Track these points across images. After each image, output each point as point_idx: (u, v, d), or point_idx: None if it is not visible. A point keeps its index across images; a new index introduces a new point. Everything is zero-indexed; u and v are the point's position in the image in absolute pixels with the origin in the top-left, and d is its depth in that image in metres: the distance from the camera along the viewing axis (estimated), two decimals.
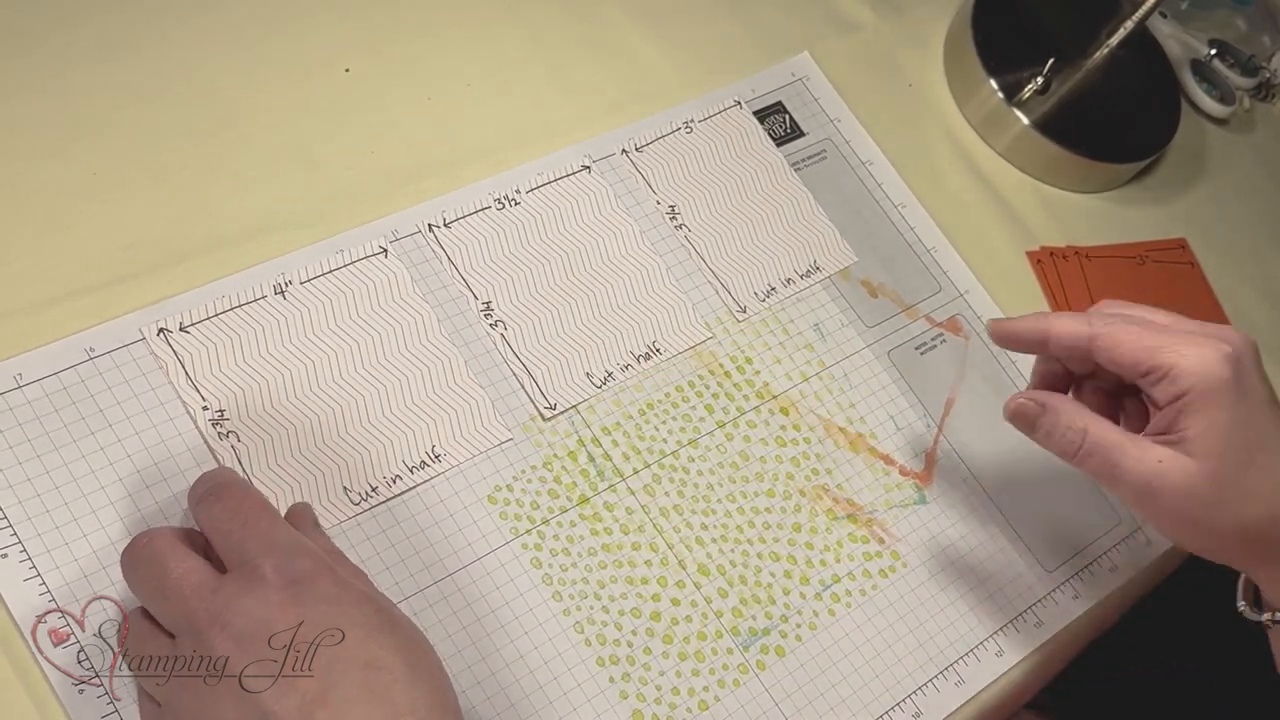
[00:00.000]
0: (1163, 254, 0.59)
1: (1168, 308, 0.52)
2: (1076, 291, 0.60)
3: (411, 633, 0.43)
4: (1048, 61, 0.72)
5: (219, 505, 0.44)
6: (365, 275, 0.55)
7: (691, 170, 0.64)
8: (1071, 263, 0.57)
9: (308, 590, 0.41)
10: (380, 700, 0.40)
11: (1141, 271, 0.57)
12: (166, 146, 0.55)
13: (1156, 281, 0.58)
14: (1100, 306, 0.53)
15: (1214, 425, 0.48)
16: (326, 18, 0.61)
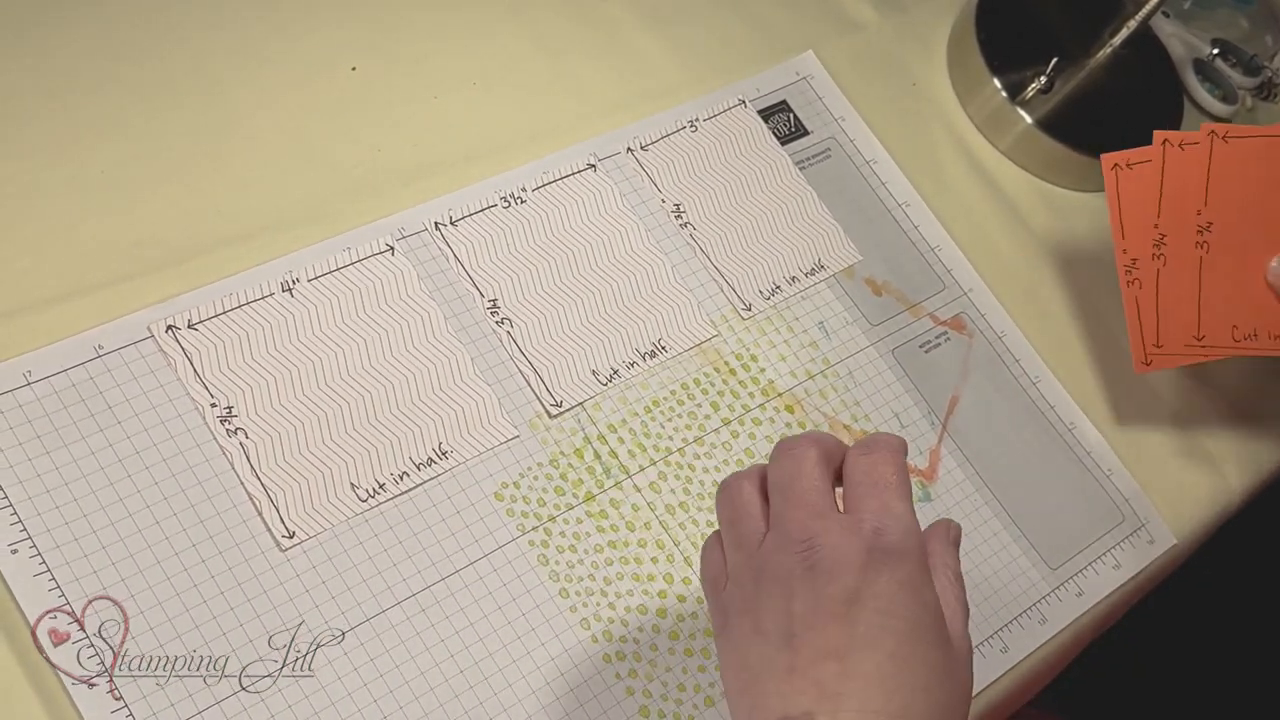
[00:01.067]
0: None
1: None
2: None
3: (958, 662, 0.41)
4: (1051, 61, 0.72)
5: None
6: (372, 273, 0.55)
7: (696, 169, 0.64)
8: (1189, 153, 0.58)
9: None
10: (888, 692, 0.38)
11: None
12: (174, 145, 0.56)
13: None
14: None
15: None
16: (333, 17, 0.62)
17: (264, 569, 0.49)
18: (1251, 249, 0.58)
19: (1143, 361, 0.59)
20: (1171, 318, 0.58)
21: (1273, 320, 0.58)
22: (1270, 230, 0.58)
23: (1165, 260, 0.57)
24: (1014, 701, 0.59)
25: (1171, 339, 0.58)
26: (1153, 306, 0.58)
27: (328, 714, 0.47)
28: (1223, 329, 0.58)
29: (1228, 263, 0.58)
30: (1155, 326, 0.58)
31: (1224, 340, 0.58)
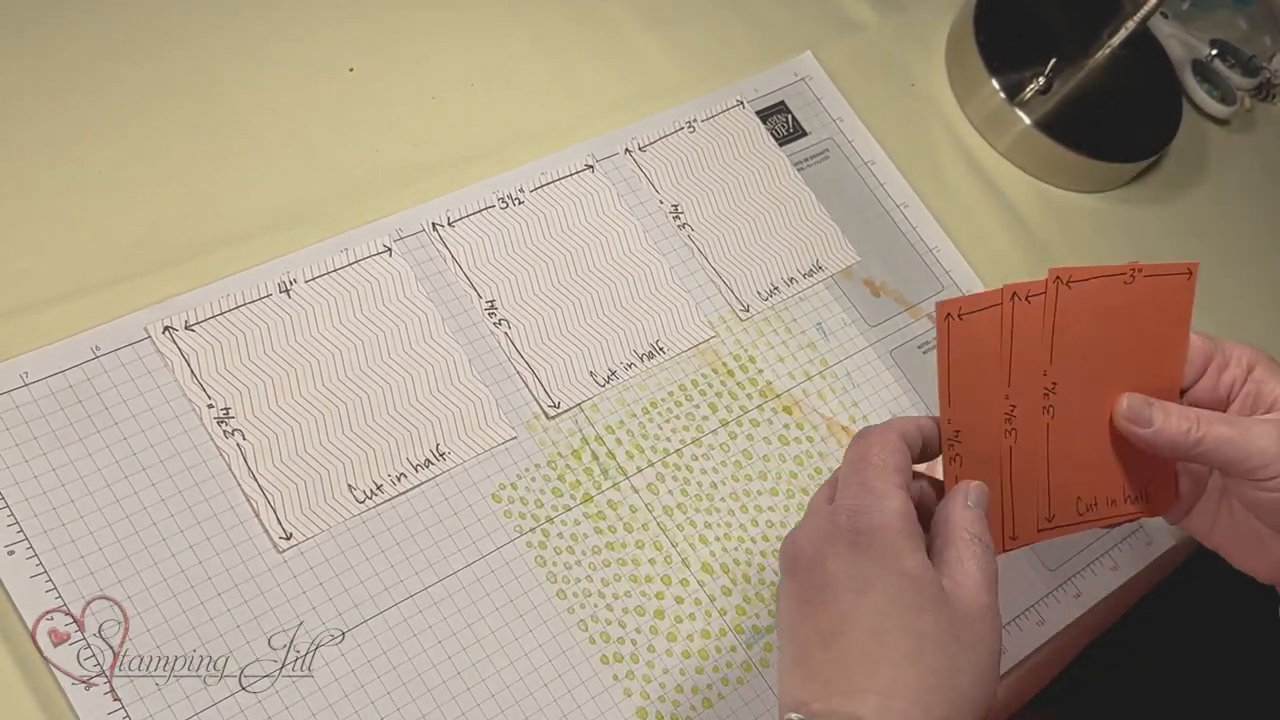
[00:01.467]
0: (1156, 277, 0.55)
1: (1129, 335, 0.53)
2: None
3: (964, 622, 0.43)
4: (1049, 61, 0.73)
5: None
6: (369, 274, 0.55)
7: (694, 170, 0.64)
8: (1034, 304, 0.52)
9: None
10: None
11: (1126, 292, 0.53)
12: (172, 146, 0.56)
13: (1137, 306, 0.54)
14: None
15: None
16: (332, 17, 0.62)
17: (262, 570, 0.49)
18: (1092, 403, 0.53)
19: (1011, 537, 0.53)
20: (1026, 500, 0.52)
21: (1109, 482, 0.54)
22: (1108, 379, 0.53)
23: (1016, 436, 0.51)
24: (1013, 703, 0.59)
25: (1026, 526, 0.53)
26: (1008, 489, 0.52)
27: (326, 715, 0.47)
28: (1069, 503, 0.53)
29: (1072, 425, 0.53)
30: (1012, 513, 0.52)
31: (1070, 515, 0.53)
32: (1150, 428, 0.52)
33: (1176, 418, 0.52)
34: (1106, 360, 0.52)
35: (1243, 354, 0.53)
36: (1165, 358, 0.54)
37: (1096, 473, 0.53)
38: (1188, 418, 0.51)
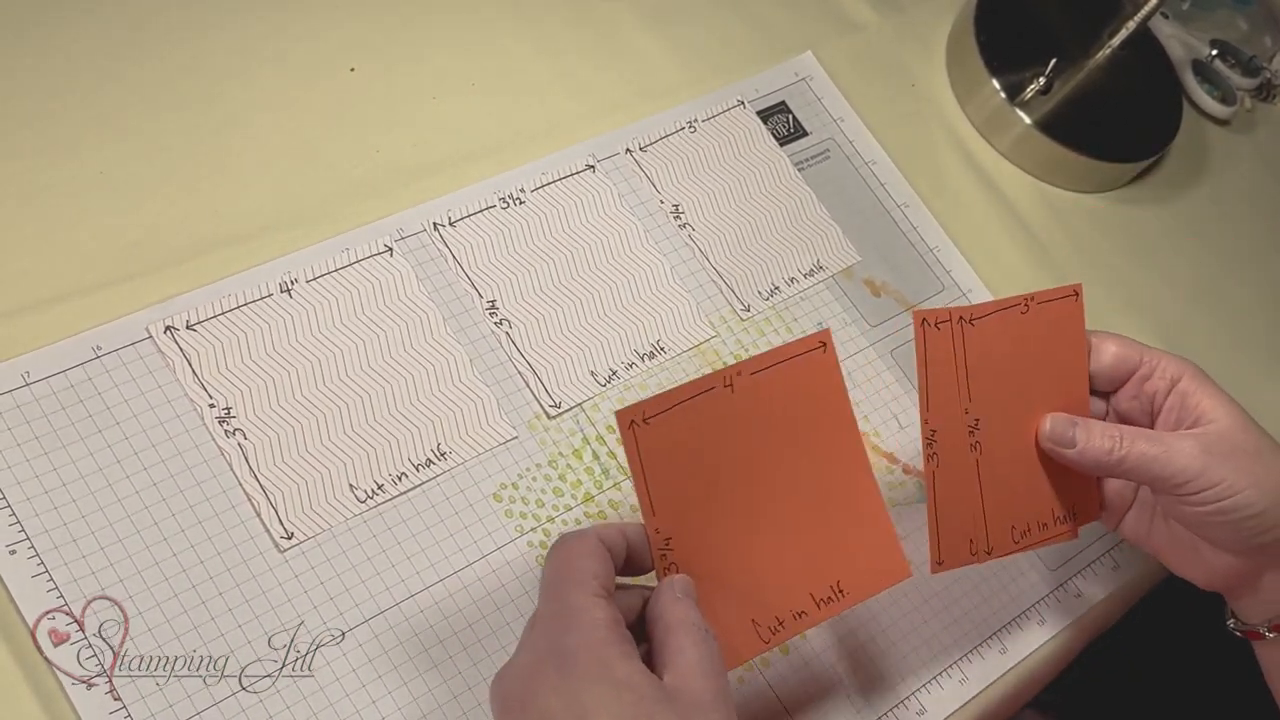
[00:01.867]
0: (1049, 303, 0.55)
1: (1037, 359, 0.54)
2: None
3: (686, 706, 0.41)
4: (1050, 62, 0.73)
5: None
6: (371, 274, 0.55)
7: (695, 170, 0.64)
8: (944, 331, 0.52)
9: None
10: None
11: (1024, 321, 0.54)
12: (173, 146, 0.56)
13: (1036, 334, 0.54)
14: None
15: (1217, 394, 0.53)
16: (332, 18, 0.62)
17: (263, 570, 0.49)
18: (1013, 431, 0.54)
19: (937, 562, 0.52)
20: (955, 527, 0.53)
21: (1039, 506, 0.55)
22: (1025, 405, 0.54)
23: (939, 463, 0.52)
24: (1013, 703, 0.59)
25: (956, 552, 0.53)
26: (950, 507, 0.53)
27: (326, 715, 0.47)
28: (1004, 533, 0.54)
29: (999, 455, 0.53)
30: (950, 529, 0.53)
31: (1007, 544, 0.54)
32: (1074, 448, 0.53)
33: (1099, 437, 0.53)
34: (1020, 388, 0.54)
35: (1169, 366, 0.54)
36: (1071, 377, 0.55)
37: (1026, 499, 0.55)
38: (1110, 436, 0.52)
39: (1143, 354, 0.55)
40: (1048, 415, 0.54)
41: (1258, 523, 0.52)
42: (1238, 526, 0.52)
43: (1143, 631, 0.67)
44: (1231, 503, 0.51)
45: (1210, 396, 0.53)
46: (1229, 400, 0.53)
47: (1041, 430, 0.54)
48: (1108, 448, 0.52)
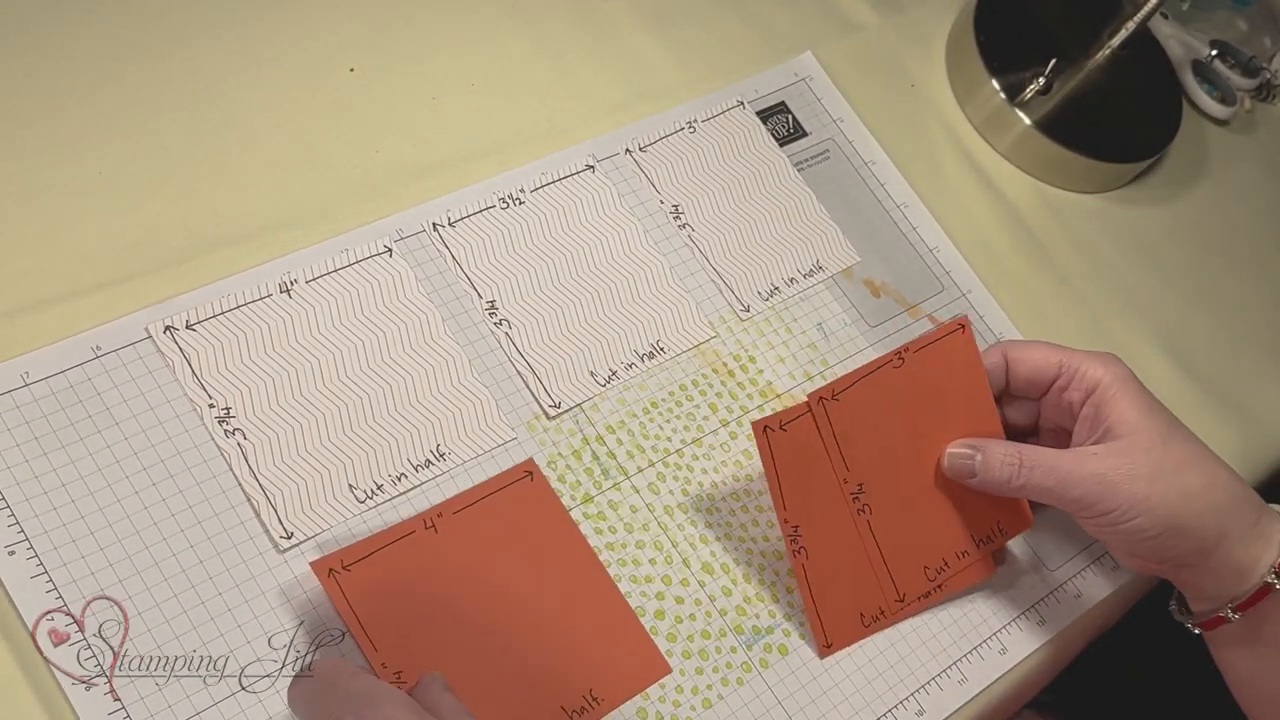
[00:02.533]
0: (927, 347, 0.55)
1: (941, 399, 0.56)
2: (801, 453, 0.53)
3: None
4: (1050, 62, 0.73)
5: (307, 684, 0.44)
6: (370, 274, 0.55)
7: (695, 170, 0.64)
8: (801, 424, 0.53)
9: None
10: None
11: (897, 376, 0.55)
12: (172, 146, 0.56)
13: (921, 380, 0.55)
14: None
15: (1133, 404, 0.53)
16: (332, 18, 0.62)
17: (262, 570, 0.49)
18: (915, 478, 0.55)
19: (825, 645, 0.54)
20: (839, 607, 0.54)
21: (955, 538, 0.56)
22: (926, 448, 0.55)
23: (807, 555, 0.53)
24: (1012, 703, 0.59)
25: (843, 631, 0.55)
26: (831, 589, 0.54)
27: None
28: (916, 576, 0.55)
29: (896, 509, 0.55)
30: (832, 610, 0.54)
31: (922, 585, 0.55)
32: (974, 478, 0.55)
33: (998, 466, 0.54)
34: (914, 432, 0.55)
35: (1088, 372, 0.54)
36: (977, 406, 0.57)
37: (939, 534, 0.56)
38: (1009, 464, 0.53)
39: (1061, 362, 0.55)
40: (947, 448, 0.55)
41: (1155, 544, 0.53)
42: (1136, 546, 0.53)
43: (1143, 631, 0.67)
44: (1127, 528, 0.52)
45: (1123, 408, 0.53)
46: (1143, 410, 0.53)
47: (942, 463, 0.56)
48: (1005, 477, 0.54)
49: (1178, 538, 0.52)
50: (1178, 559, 0.53)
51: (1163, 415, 0.54)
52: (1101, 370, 0.54)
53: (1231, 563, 0.52)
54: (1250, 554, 0.52)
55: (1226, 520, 0.52)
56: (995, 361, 0.57)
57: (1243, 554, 0.52)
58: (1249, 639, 0.54)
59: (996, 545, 0.58)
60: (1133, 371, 0.55)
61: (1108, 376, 0.54)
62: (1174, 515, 0.51)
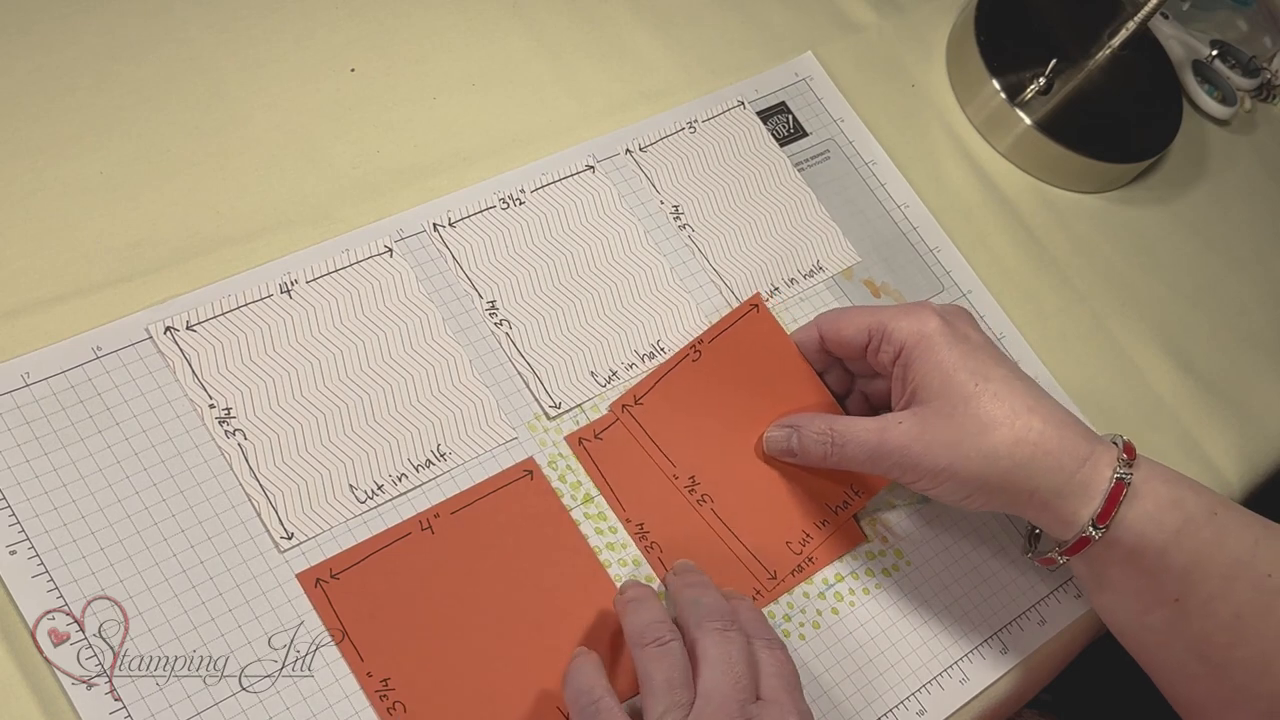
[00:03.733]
0: (722, 333, 0.57)
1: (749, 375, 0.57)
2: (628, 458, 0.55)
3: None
4: (1050, 62, 0.73)
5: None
6: (370, 274, 0.55)
7: (695, 170, 0.64)
8: (615, 434, 0.55)
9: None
10: None
11: (699, 368, 0.56)
12: (173, 146, 0.56)
13: (727, 365, 0.57)
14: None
15: (935, 366, 0.52)
16: (332, 18, 0.62)
17: (263, 570, 0.49)
18: (752, 460, 0.56)
19: None
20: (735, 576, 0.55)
21: (810, 509, 0.56)
22: (754, 429, 0.56)
23: (661, 550, 0.54)
24: (1013, 703, 0.59)
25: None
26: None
27: (326, 715, 0.47)
28: (779, 551, 0.56)
29: (739, 492, 0.56)
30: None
31: (791, 561, 0.56)
32: (794, 458, 0.55)
33: (813, 444, 0.54)
34: (739, 416, 0.56)
35: (896, 332, 0.53)
36: (797, 380, 0.57)
37: (793, 509, 0.56)
38: (823, 441, 0.54)
39: (869, 326, 0.54)
40: (765, 431, 0.56)
41: (969, 502, 0.53)
42: (954, 504, 0.54)
43: None
44: (936, 492, 0.53)
45: (925, 371, 0.52)
46: (946, 370, 0.52)
47: (763, 441, 0.56)
48: (821, 454, 0.54)
49: (987, 496, 0.52)
50: (1001, 509, 0.53)
51: (972, 370, 0.52)
52: (907, 330, 0.53)
53: (1049, 515, 0.52)
54: (1068, 507, 0.51)
55: (1037, 477, 0.51)
56: (811, 337, 0.57)
57: (1059, 507, 0.51)
58: (1094, 578, 0.54)
59: (855, 508, 0.58)
60: (953, 320, 0.54)
61: (912, 336, 0.53)
62: (979, 477, 0.51)
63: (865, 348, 0.55)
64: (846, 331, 0.55)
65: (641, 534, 0.54)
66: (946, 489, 0.52)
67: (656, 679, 0.45)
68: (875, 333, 0.54)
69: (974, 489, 0.52)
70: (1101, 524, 0.51)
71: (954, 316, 0.54)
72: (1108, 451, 0.52)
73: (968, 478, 0.51)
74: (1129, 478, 0.51)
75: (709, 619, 0.48)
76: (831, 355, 0.58)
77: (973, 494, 0.52)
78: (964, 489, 0.52)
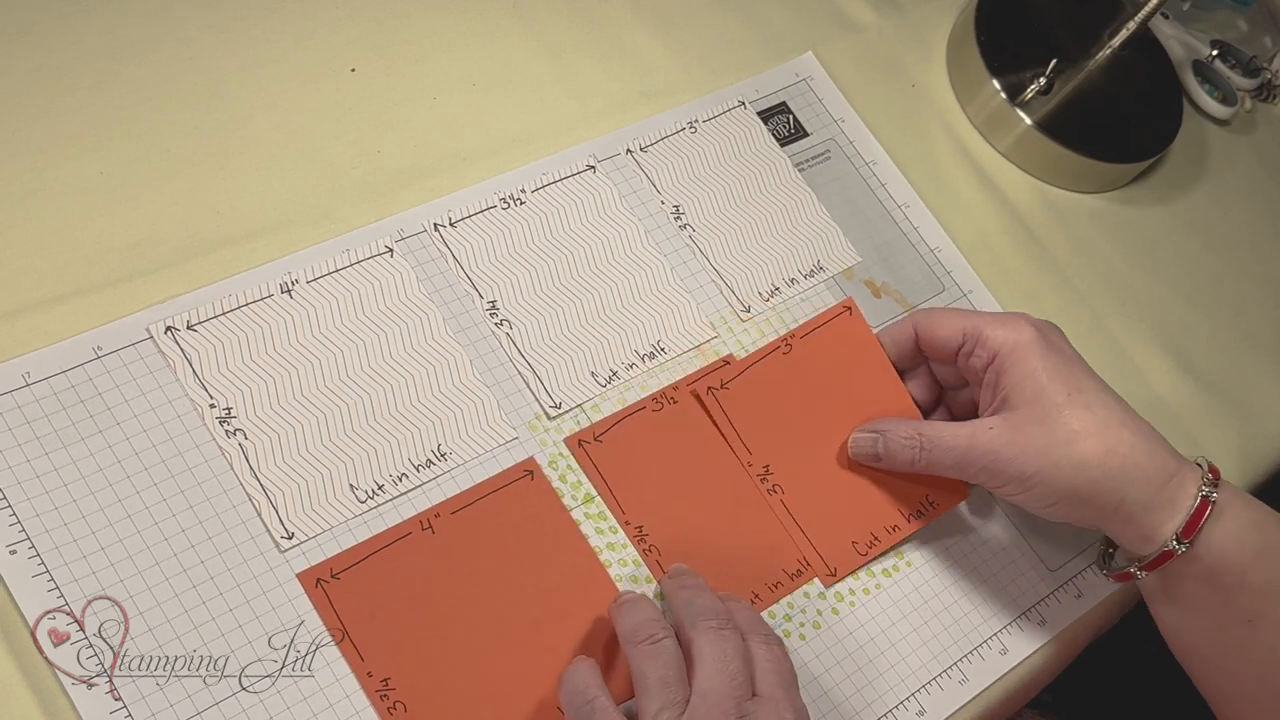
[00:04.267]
0: (813, 331, 0.59)
1: (833, 383, 0.58)
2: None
3: None
4: (1050, 62, 0.73)
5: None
6: (371, 274, 0.55)
7: (696, 170, 0.64)
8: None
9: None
10: None
11: (789, 361, 0.57)
12: (174, 146, 0.56)
13: (814, 363, 0.58)
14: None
15: (1029, 375, 0.53)
16: (333, 18, 0.62)
17: (263, 570, 0.49)
18: (827, 458, 0.57)
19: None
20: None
21: (881, 513, 0.57)
22: (834, 428, 0.57)
23: (659, 553, 0.54)
24: (1013, 703, 0.59)
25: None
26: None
27: (326, 715, 0.47)
28: (845, 550, 0.56)
29: (810, 487, 0.56)
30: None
31: (852, 560, 0.56)
32: (880, 462, 0.56)
33: (900, 448, 0.55)
34: (820, 417, 0.57)
35: (992, 339, 0.54)
36: (881, 386, 0.58)
37: (863, 511, 0.57)
38: (910, 446, 0.54)
39: (965, 330, 0.55)
40: (852, 434, 0.57)
41: (1053, 511, 0.54)
42: (1038, 511, 0.54)
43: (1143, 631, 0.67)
44: (1023, 499, 0.53)
45: (1018, 379, 0.53)
46: (1039, 379, 0.52)
47: (850, 443, 0.57)
48: (908, 459, 0.55)
49: (1073, 506, 0.53)
50: (1082, 521, 0.54)
51: (1064, 381, 0.53)
52: (1002, 338, 0.54)
53: (1132, 528, 0.53)
54: (1152, 520, 0.52)
55: (1125, 489, 0.52)
56: (906, 334, 0.58)
57: (1144, 520, 0.52)
58: (1167, 594, 0.54)
59: (929, 518, 0.58)
60: (1046, 332, 0.55)
61: (1007, 344, 0.53)
62: (1068, 486, 0.52)
63: (957, 351, 0.55)
64: (941, 331, 0.56)
65: (640, 536, 0.54)
66: (1033, 495, 0.52)
67: (651, 677, 0.45)
68: (970, 337, 0.55)
69: (1061, 497, 0.52)
70: (1185, 539, 0.51)
71: (1048, 329, 0.55)
72: (1193, 470, 0.53)
73: (1057, 485, 0.52)
74: (1214, 496, 0.52)
75: (704, 618, 0.48)
76: (920, 356, 0.58)
77: (1059, 502, 0.52)
78: (1050, 496, 0.52)
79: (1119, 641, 0.65)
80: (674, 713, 0.44)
